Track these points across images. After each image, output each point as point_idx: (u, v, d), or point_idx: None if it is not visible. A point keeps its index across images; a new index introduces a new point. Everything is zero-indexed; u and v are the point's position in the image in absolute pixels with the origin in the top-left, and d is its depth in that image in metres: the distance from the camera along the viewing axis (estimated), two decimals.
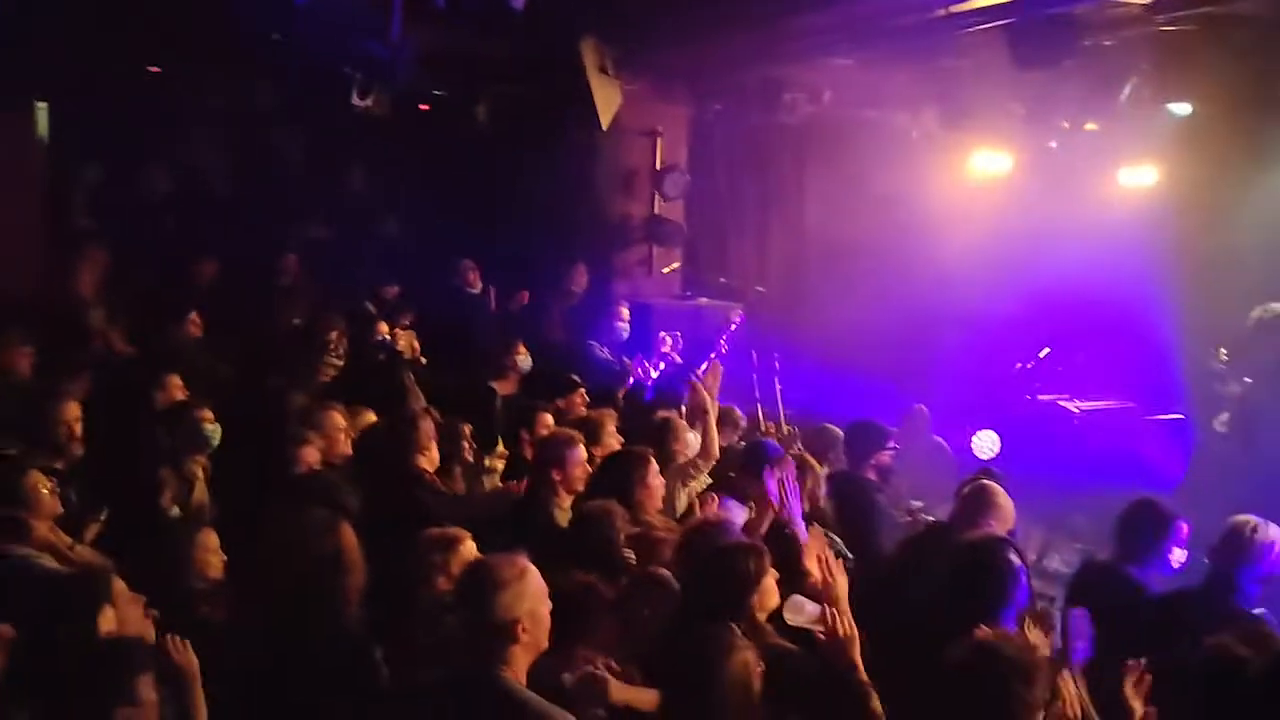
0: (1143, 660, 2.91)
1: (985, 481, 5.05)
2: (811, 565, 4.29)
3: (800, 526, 4.57)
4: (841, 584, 3.64)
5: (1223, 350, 7.69)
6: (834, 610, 3.38)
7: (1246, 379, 7.56)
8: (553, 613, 3.14)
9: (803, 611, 3.51)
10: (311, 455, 5.11)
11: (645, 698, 3.28)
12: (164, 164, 9.71)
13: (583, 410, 6.70)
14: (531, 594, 3.03)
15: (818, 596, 3.77)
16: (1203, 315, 8.10)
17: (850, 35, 8.00)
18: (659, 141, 9.71)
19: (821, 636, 3.35)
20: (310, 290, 8.76)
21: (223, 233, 9.06)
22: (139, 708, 2.89)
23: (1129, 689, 2.90)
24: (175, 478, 4.99)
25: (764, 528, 4.64)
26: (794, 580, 3.94)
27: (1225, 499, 4.85)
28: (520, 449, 6.14)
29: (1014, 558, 3.78)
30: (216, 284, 8.36)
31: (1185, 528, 4.70)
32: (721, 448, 6.03)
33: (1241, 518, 4.37)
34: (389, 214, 10.46)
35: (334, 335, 6.75)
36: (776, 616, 3.83)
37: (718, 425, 6.10)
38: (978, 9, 6.97)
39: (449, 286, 8.93)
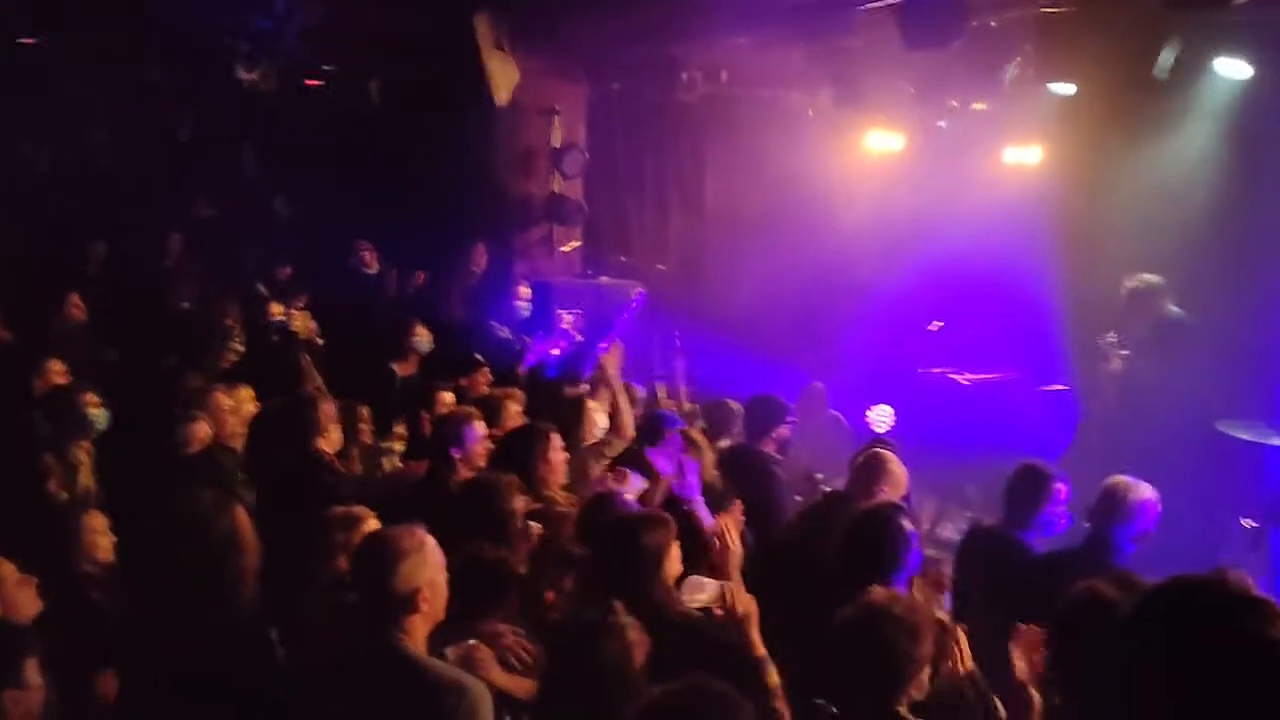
0: (1029, 625, 3.01)
1: (877, 450, 5.19)
2: (726, 531, 4.39)
3: (698, 498, 4.64)
4: (736, 554, 3.70)
5: (1111, 333, 7.94)
6: (730, 587, 3.42)
7: (1124, 351, 7.86)
8: (457, 585, 3.13)
9: (702, 590, 3.55)
10: (202, 435, 5.00)
11: (521, 686, 3.29)
12: (44, 141, 9.35)
13: (485, 389, 6.66)
14: (431, 564, 3.04)
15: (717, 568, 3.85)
16: (1084, 289, 8.39)
17: (746, 13, 8.07)
18: (557, 120, 9.67)
19: (719, 614, 3.39)
20: (198, 272, 8.54)
21: (107, 213, 8.76)
22: (25, 691, 2.82)
23: (1015, 649, 3.00)
24: (59, 463, 4.85)
25: (658, 499, 4.69)
26: (691, 554, 3.98)
27: (1106, 465, 5.03)
28: (420, 429, 6.08)
29: (906, 524, 3.89)
30: (101, 266, 8.09)
31: (1065, 491, 4.89)
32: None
33: (1115, 479, 4.56)
34: (279, 193, 10.21)
35: (231, 320, 6.62)
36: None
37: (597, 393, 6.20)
38: None
39: (344, 268, 8.79)
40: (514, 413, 5.83)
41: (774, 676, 3.27)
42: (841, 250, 10.61)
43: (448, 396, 6.25)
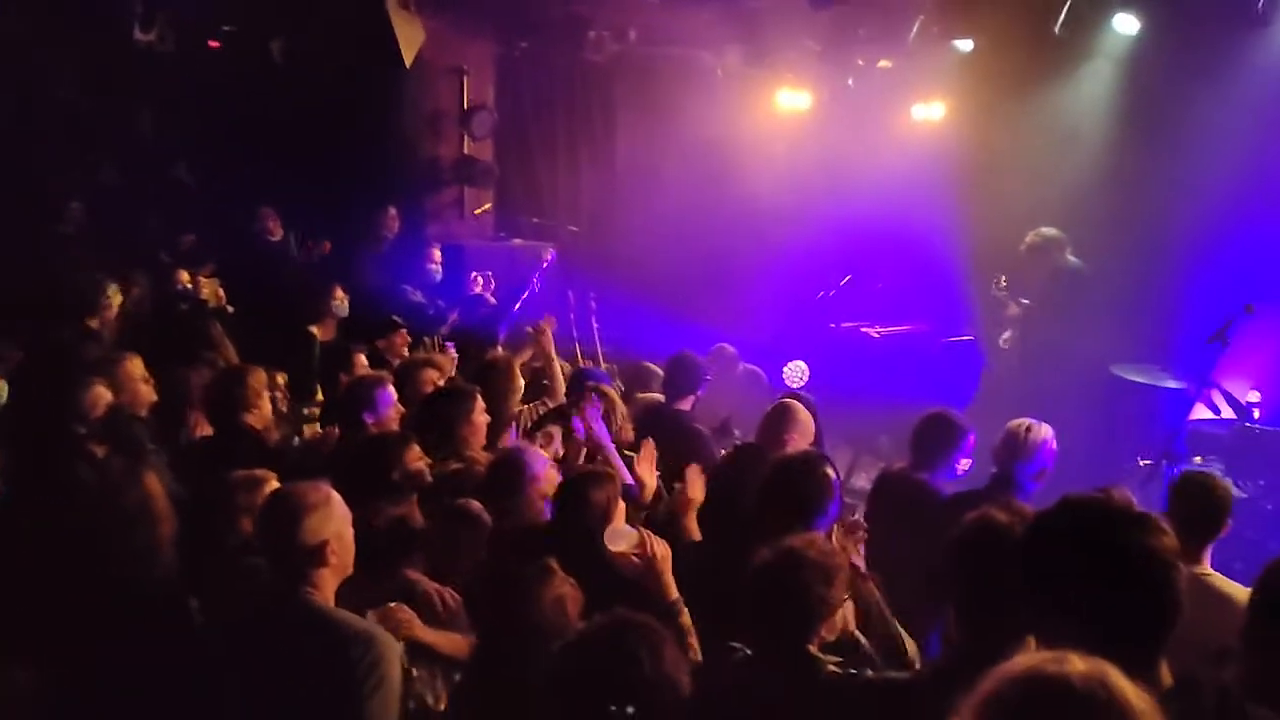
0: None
1: (785, 400, 5.29)
2: (644, 474, 4.44)
3: (611, 451, 4.70)
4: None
5: (1002, 278, 8.17)
6: (647, 533, 3.48)
7: (1023, 300, 8.10)
8: (361, 545, 3.14)
9: (622, 538, 3.60)
10: (103, 400, 4.89)
11: (450, 643, 3.32)
12: None
13: (404, 352, 6.64)
14: (337, 517, 3.03)
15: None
16: (987, 240, 8.60)
17: None
18: (465, 80, 9.58)
19: (635, 560, 3.45)
20: (97, 238, 8.28)
21: None
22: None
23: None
24: None
25: (580, 458, 4.75)
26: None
27: (1009, 409, 5.20)
28: (338, 394, 6.02)
29: (830, 471, 3.99)
30: None
31: (972, 438, 5.05)
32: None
33: (1017, 420, 4.72)
34: (179, 159, 9.91)
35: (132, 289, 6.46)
36: None
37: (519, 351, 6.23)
38: None
39: (248, 234, 8.61)
40: (431, 378, 5.79)
41: (687, 618, 3.34)
42: (753, 208, 10.71)
43: (363, 359, 6.21)
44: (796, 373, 8.38)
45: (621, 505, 3.80)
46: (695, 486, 4.24)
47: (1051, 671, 1.45)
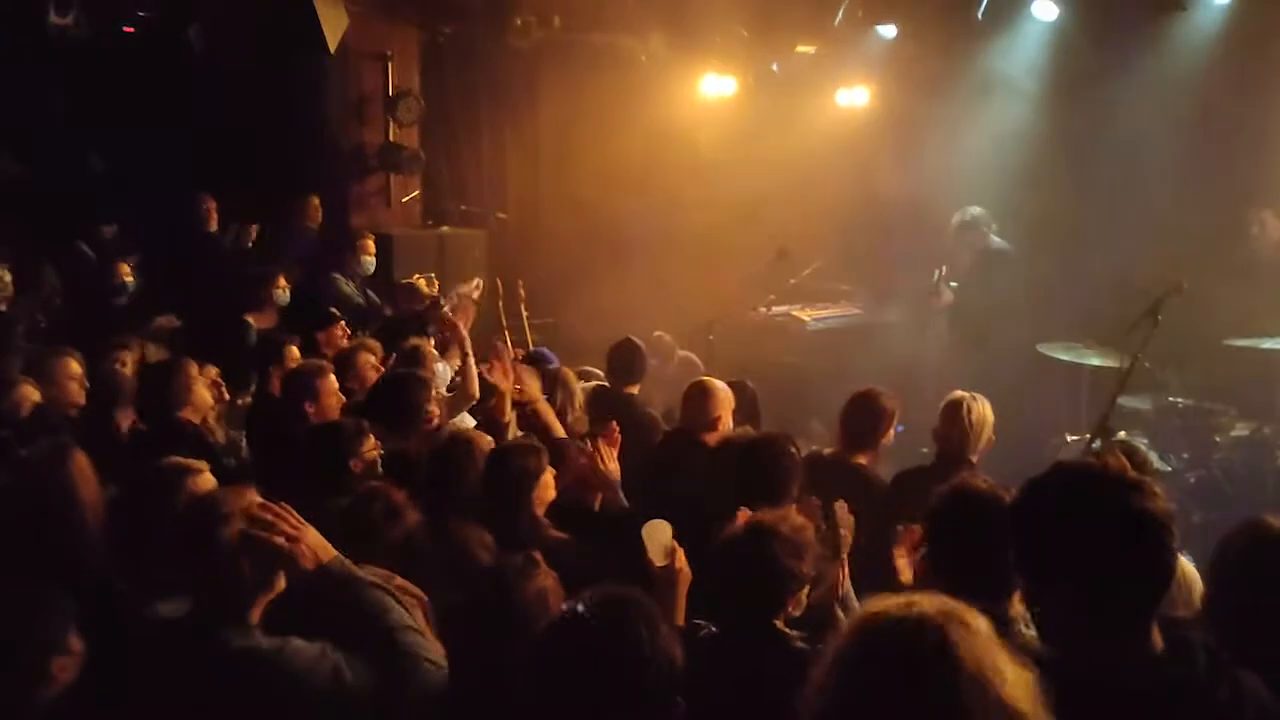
0: (909, 527, 3.16)
1: (700, 380, 5.32)
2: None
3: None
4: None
5: (944, 267, 8.30)
6: (679, 551, 3.32)
7: (953, 283, 8.25)
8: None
9: (658, 543, 3.46)
10: (29, 398, 4.73)
11: None
12: None
13: (344, 343, 6.56)
14: None
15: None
16: (913, 224, 8.74)
17: None
18: (390, 66, 9.43)
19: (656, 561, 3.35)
20: (12, 230, 7.97)
21: None
22: (70, 657, 2.72)
23: (898, 550, 3.14)
24: None
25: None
26: None
27: (941, 390, 5.27)
28: (269, 386, 5.91)
29: (796, 452, 4.02)
30: None
31: (895, 415, 5.12)
32: None
33: (956, 395, 4.80)
34: (93, 148, 9.57)
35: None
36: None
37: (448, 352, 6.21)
38: None
39: (180, 223, 8.35)
40: (369, 364, 5.72)
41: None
42: (680, 193, 10.74)
43: (295, 351, 6.11)
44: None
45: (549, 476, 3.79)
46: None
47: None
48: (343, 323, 6.72)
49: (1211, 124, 7.33)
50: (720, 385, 5.16)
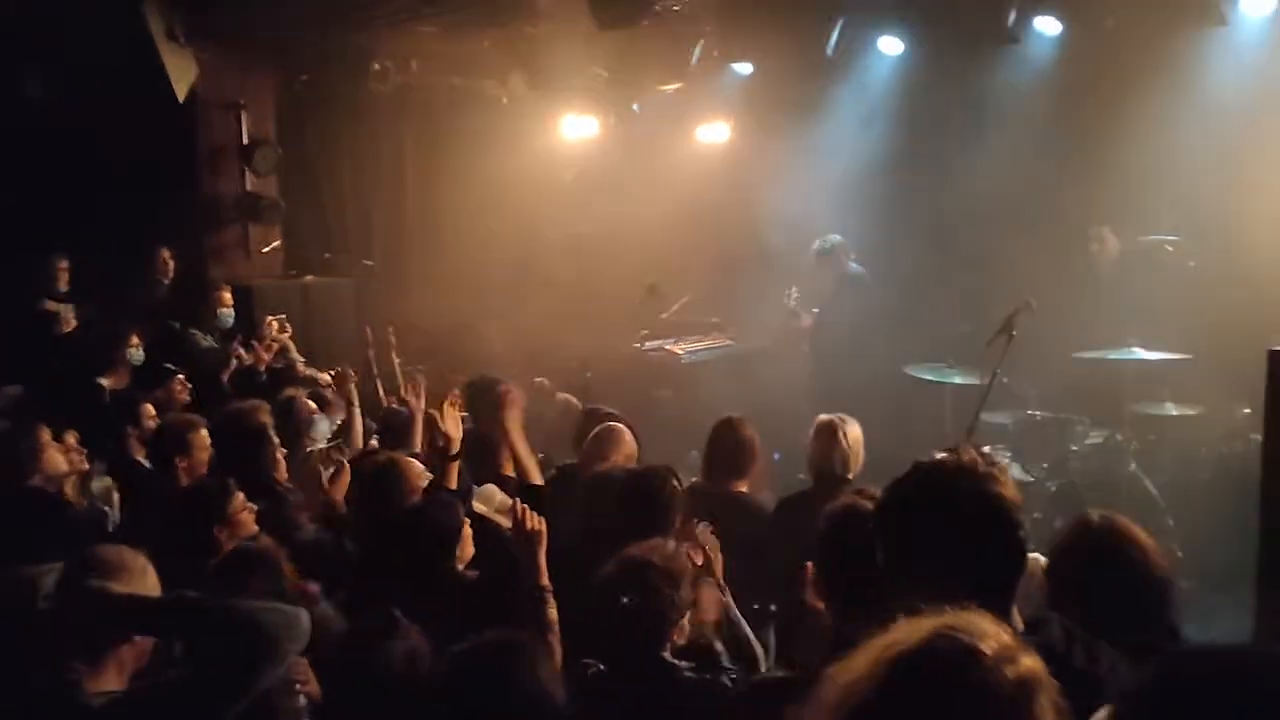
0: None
1: (610, 423, 5.32)
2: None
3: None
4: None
5: (794, 290, 8.50)
6: (523, 506, 3.43)
7: (814, 310, 8.46)
8: None
9: (492, 500, 3.54)
10: None
11: None
12: None
13: (185, 398, 6.39)
14: (150, 586, 2.83)
15: None
16: (775, 253, 8.94)
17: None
18: (244, 114, 9.22)
19: (508, 528, 3.39)
20: None
21: None
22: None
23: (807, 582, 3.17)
24: None
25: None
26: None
27: (808, 414, 5.36)
28: (125, 447, 5.66)
29: (677, 483, 4.04)
30: None
31: (755, 440, 5.20)
32: None
33: (825, 417, 4.90)
34: None
35: None
36: None
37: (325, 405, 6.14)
38: None
39: (25, 286, 7.93)
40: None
41: (553, 611, 3.30)
42: (548, 233, 10.78)
43: (151, 409, 5.89)
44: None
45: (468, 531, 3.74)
46: None
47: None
48: (181, 378, 6.53)
49: (1050, 148, 7.72)
50: (627, 433, 5.13)
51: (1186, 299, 6.66)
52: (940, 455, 2.16)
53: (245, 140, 9.23)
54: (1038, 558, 3.02)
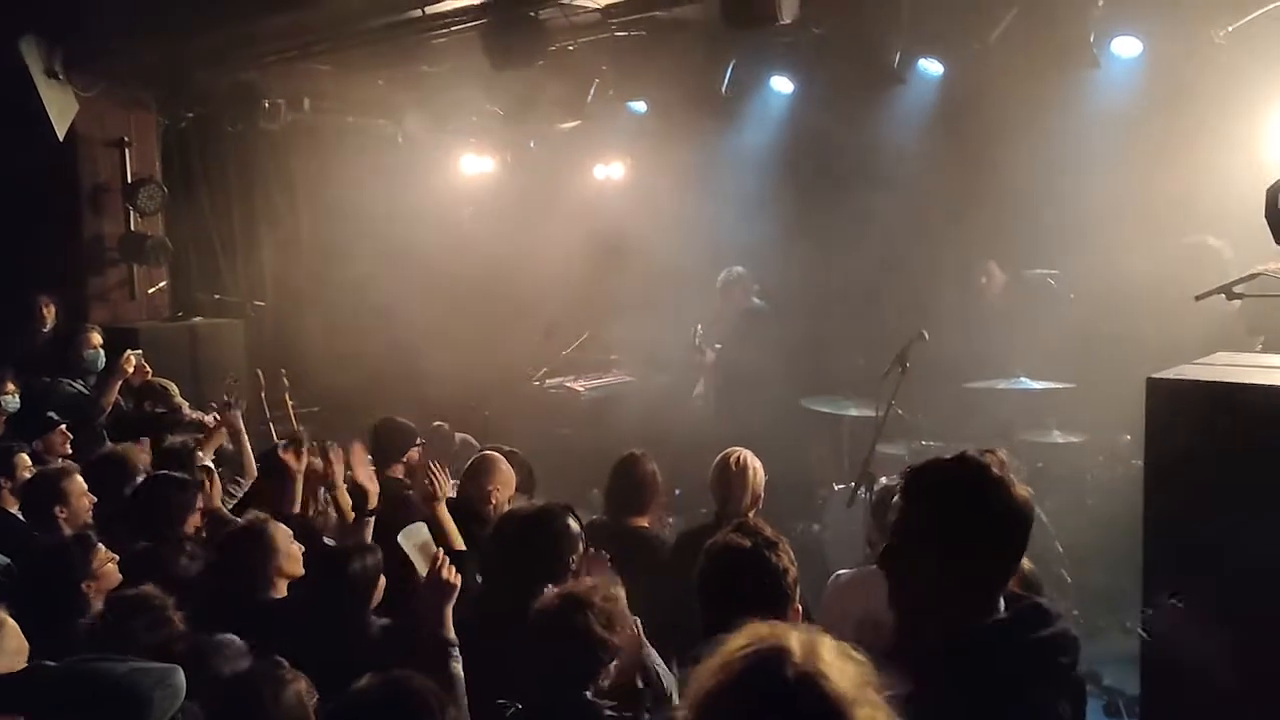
0: None
1: (484, 453, 5.29)
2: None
3: None
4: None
5: (699, 326, 8.56)
6: (444, 558, 3.37)
7: (717, 345, 8.52)
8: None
9: (417, 538, 3.48)
10: None
11: None
12: None
13: (65, 449, 6.24)
14: (10, 651, 2.71)
15: None
16: (676, 290, 8.99)
17: (321, 37, 7.91)
18: (128, 153, 8.96)
19: (422, 571, 3.34)
20: None
21: None
22: None
23: None
24: None
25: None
26: None
27: (710, 447, 5.38)
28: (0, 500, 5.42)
29: (575, 520, 4.00)
30: None
31: (656, 474, 5.22)
32: None
33: (726, 452, 4.92)
34: None
35: None
36: None
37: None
38: (447, 11, 7.22)
39: None
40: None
41: (458, 666, 3.25)
42: (444, 271, 10.67)
43: (26, 459, 5.67)
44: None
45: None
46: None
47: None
48: (63, 428, 6.34)
49: (937, 185, 7.93)
50: (502, 460, 5.13)
51: (1069, 330, 6.87)
52: (953, 458, 2.27)
53: (129, 178, 8.96)
54: None
